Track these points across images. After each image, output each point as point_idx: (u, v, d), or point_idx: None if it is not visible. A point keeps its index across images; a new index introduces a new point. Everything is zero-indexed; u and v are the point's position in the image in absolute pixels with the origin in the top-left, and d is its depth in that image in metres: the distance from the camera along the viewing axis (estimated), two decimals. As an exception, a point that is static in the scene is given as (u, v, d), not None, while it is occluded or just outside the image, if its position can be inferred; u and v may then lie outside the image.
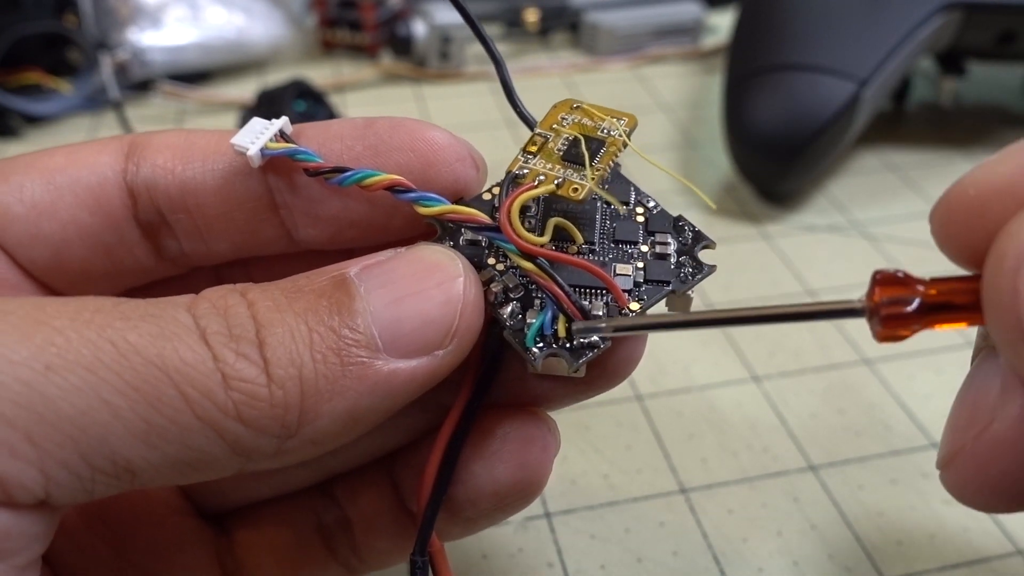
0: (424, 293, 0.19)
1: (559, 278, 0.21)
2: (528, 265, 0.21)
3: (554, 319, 0.21)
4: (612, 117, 0.23)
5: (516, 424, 0.23)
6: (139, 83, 0.60)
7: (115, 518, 0.24)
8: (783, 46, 0.49)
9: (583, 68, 0.66)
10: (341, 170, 0.22)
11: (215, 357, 0.17)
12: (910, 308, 0.17)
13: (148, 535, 0.25)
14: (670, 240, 0.23)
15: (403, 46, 0.65)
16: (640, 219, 0.24)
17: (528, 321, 0.21)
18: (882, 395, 0.37)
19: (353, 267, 0.20)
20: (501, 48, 0.68)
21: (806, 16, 0.50)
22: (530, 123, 0.24)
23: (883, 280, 0.17)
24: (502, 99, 0.61)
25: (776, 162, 0.47)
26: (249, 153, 0.22)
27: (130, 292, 0.25)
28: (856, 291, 0.42)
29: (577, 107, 0.24)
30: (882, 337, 0.17)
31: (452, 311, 0.20)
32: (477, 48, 0.67)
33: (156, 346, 0.17)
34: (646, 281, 0.22)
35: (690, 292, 0.23)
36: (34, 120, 0.56)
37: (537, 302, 0.21)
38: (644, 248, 0.23)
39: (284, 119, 0.23)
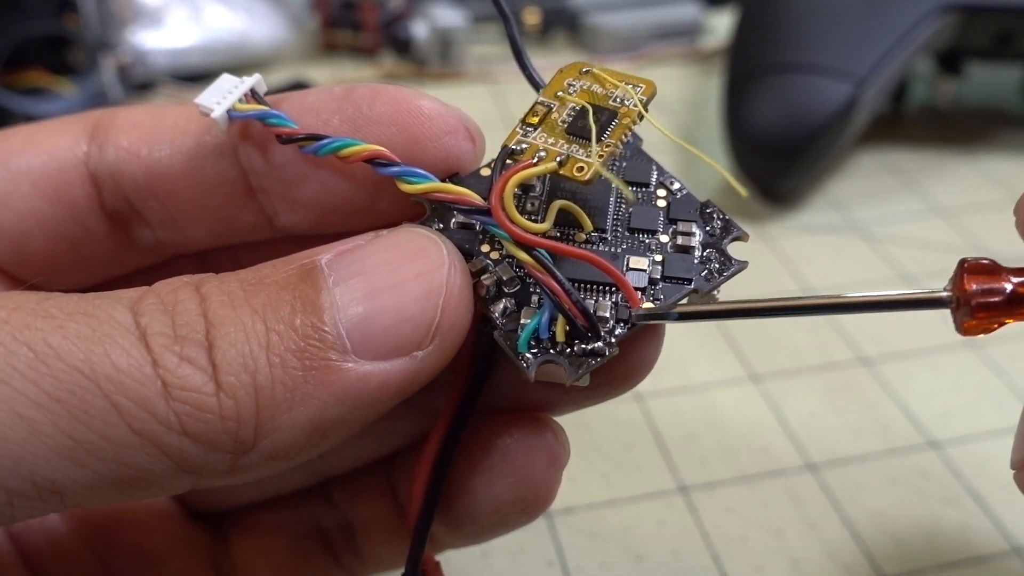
0: (401, 285, 0.17)
1: (559, 273, 0.18)
2: (524, 256, 0.18)
3: (552, 321, 0.18)
4: (626, 83, 0.20)
5: (517, 434, 0.21)
6: (141, 84, 0.60)
7: (102, 522, 0.23)
8: (782, 47, 0.49)
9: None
10: (317, 137, 0.19)
11: (155, 362, 0.15)
12: (1001, 298, 0.16)
13: (136, 540, 0.23)
14: (695, 230, 0.20)
15: (404, 47, 0.65)
16: (661, 204, 0.21)
17: (523, 321, 0.18)
18: (880, 395, 0.37)
19: (326, 254, 0.17)
20: (500, 50, 0.68)
21: (805, 17, 0.50)
22: (539, 87, 0.21)
23: (972, 268, 0.16)
24: (502, 100, 0.61)
25: (775, 162, 0.47)
26: (214, 115, 0.20)
27: (107, 283, 0.23)
28: (853, 290, 0.43)
29: (587, 72, 0.21)
30: (968, 329, 0.16)
31: (432, 305, 0.17)
32: (477, 49, 0.67)
33: (83, 350, 0.15)
34: (664, 278, 0.19)
35: (716, 292, 0.20)
36: (36, 121, 0.57)
37: (535, 299, 0.19)
38: (664, 239, 0.20)
39: (257, 76, 0.20)
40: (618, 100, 0.20)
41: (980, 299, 0.16)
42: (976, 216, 0.47)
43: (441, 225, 0.20)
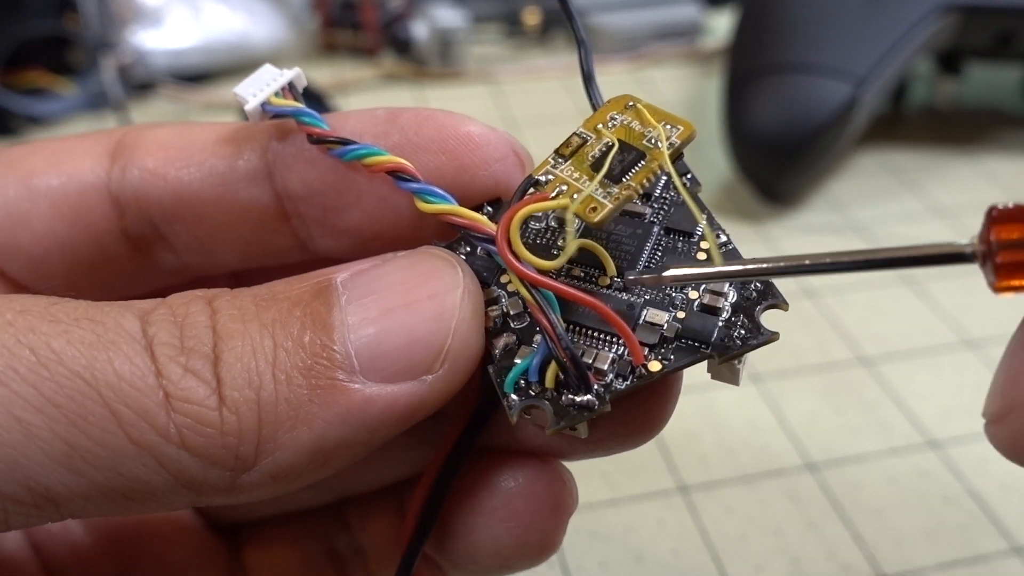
0: (413, 305, 0.16)
1: (552, 315, 0.17)
2: (524, 292, 0.17)
3: (545, 365, 0.17)
4: (665, 124, 0.19)
5: (523, 477, 0.20)
6: (141, 84, 0.60)
7: (123, 533, 0.23)
8: (782, 47, 0.49)
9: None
10: (346, 142, 0.19)
11: (159, 372, 0.15)
12: None
13: (157, 553, 0.23)
14: (728, 289, 0.18)
15: (404, 47, 0.65)
16: (702, 256, 0.19)
17: (516, 360, 0.18)
18: (880, 394, 0.37)
19: (343, 272, 0.17)
20: (500, 50, 0.68)
21: (805, 17, 0.50)
22: None
23: (1000, 217, 0.14)
24: (502, 100, 0.61)
25: (775, 162, 0.47)
26: (247, 107, 0.19)
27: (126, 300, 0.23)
28: (853, 290, 0.43)
29: (631, 106, 0.19)
30: (999, 288, 0.14)
31: (444, 329, 0.16)
32: (477, 50, 0.67)
33: (86, 355, 0.15)
34: (679, 337, 0.17)
35: (737, 363, 0.18)
36: (36, 121, 0.57)
37: (538, 339, 0.18)
38: (693, 294, 0.18)
39: (297, 70, 0.20)
40: (652, 141, 0.19)
41: (1007, 256, 0.14)
42: (976, 216, 0.47)
43: (468, 249, 0.19)
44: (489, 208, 0.20)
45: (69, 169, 0.20)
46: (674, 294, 0.18)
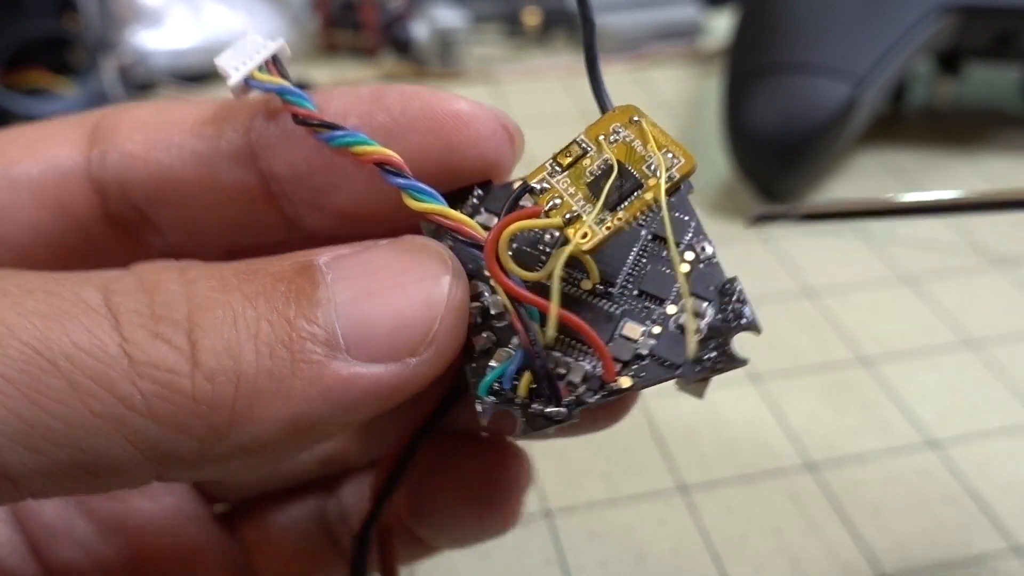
0: (402, 288, 0.16)
1: (533, 327, 0.17)
2: (507, 303, 0.17)
3: (520, 371, 0.17)
4: (667, 151, 0.18)
5: (478, 458, 0.21)
6: (142, 84, 0.60)
7: (128, 528, 0.23)
8: (782, 47, 0.49)
9: (583, 69, 0.66)
10: (332, 127, 0.18)
11: (124, 339, 0.14)
12: None
13: (163, 545, 0.23)
14: (706, 308, 0.18)
15: (404, 47, 0.65)
16: (684, 268, 0.18)
17: (491, 364, 0.18)
18: (880, 394, 0.37)
19: (323, 255, 0.17)
20: (500, 50, 0.68)
21: (805, 17, 0.50)
22: (606, 111, 0.19)
23: None
24: (502, 100, 0.61)
25: (775, 162, 0.47)
26: (231, 82, 0.19)
27: None
28: (853, 290, 0.43)
29: (636, 121, 0.19)
30: None
31: (432, 313, 0.16)
32: (477, 50, 0.67)
33: (40, 327, 0.14)
34: (652, 355, 0.17)
35: (705, 382, 0.18)
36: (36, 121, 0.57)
37: (515, 341, 0.18)
38: (671, 310, 0.18)
39: (280, 42, 0.19)
40: (651, 168, 0.18)
41: None
42: (976, 216, 0.47)
43: (452, 240, 0.19)
44: (479, 191, 0.19)
45: (47, 156, 0.20)
46: (652, 307, 0.18)
